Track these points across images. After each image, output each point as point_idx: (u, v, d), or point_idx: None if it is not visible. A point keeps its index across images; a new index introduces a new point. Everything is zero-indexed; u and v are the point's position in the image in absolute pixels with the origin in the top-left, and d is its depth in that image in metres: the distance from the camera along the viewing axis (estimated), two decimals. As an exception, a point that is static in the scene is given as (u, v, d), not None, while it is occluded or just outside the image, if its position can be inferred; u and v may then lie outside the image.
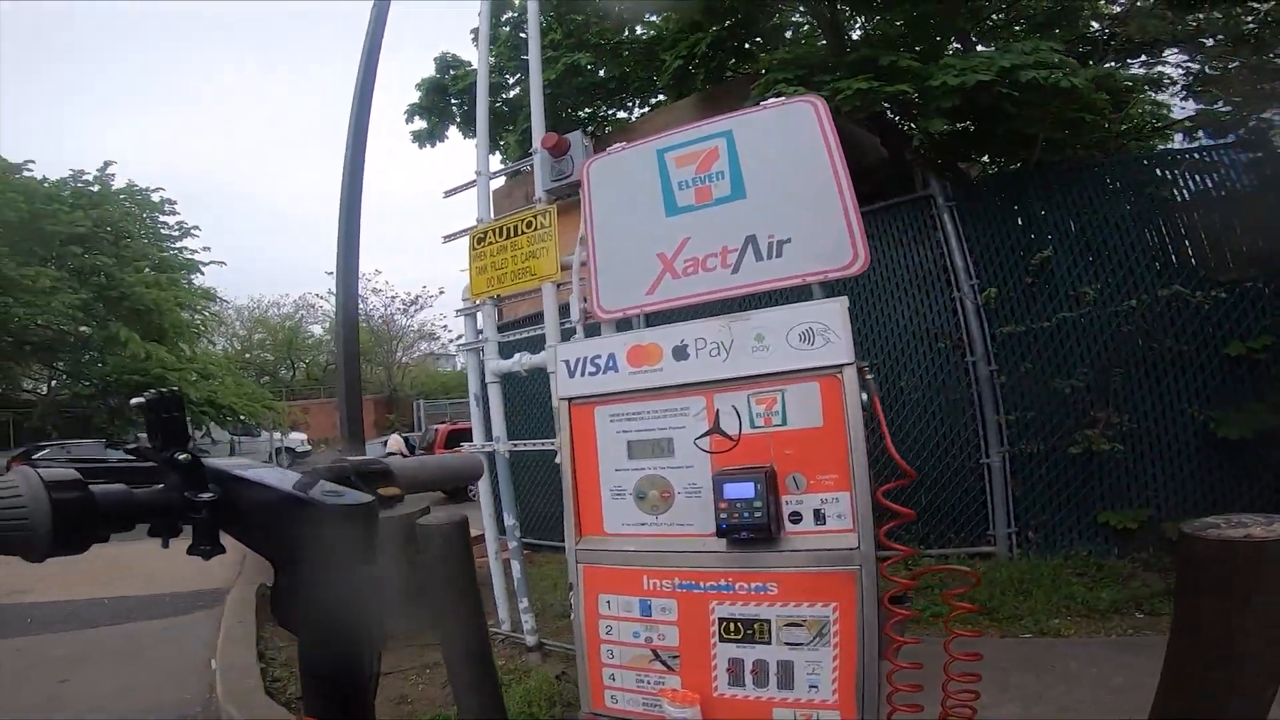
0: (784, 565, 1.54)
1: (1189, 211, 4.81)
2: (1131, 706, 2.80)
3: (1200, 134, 6.31)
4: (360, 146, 5.26)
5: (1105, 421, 4.52)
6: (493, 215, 4.10)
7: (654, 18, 7.96)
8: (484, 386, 3.80)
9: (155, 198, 17.38)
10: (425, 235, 70.24)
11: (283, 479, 0.61)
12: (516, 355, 3.60)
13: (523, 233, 3.73)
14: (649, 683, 1.70)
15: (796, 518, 1.55)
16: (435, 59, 8.82)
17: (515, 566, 3.59)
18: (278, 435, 19.98)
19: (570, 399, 1.81)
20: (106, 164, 16.66)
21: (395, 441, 16.69)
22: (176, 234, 18.04)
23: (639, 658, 1.70)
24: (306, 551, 0.57)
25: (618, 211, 2.18)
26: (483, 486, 3.79)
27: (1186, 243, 4.81)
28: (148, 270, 16.65)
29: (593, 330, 3.67)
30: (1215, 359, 4.50)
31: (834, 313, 1.55)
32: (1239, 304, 4.46)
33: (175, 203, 17.74)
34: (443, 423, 16.42)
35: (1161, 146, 7.89)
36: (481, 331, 3.86)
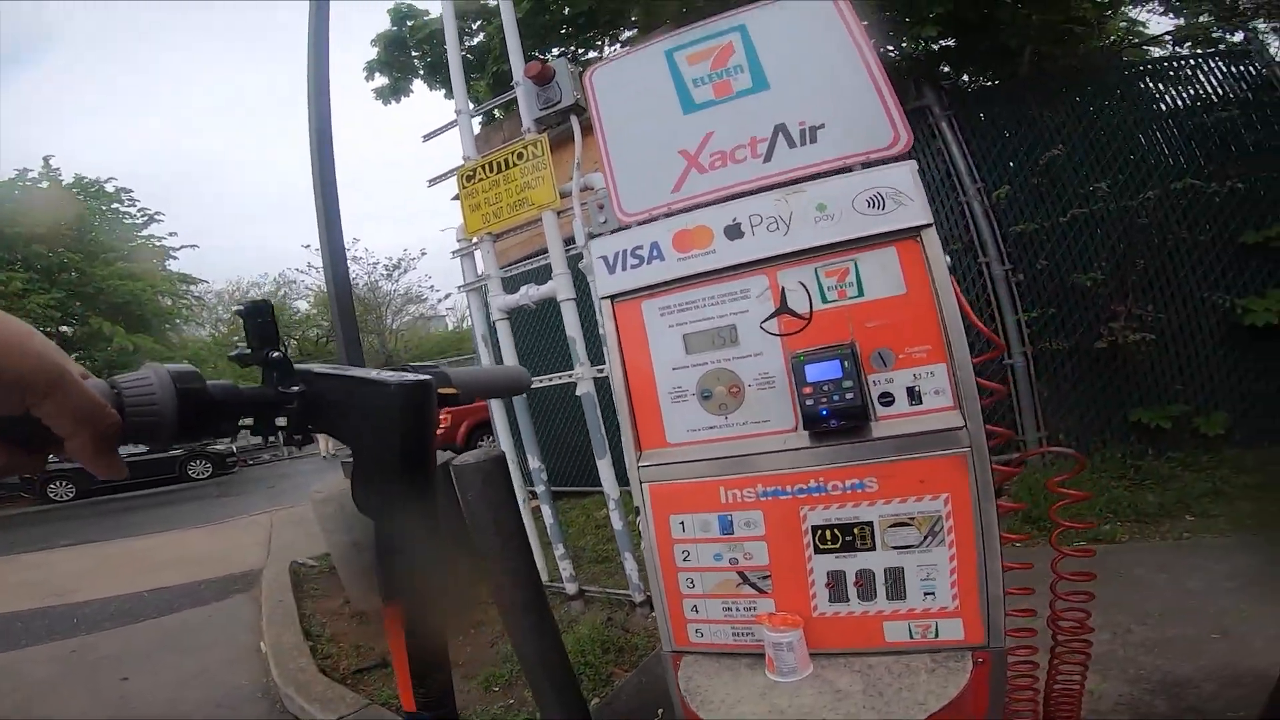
0: (881, 455, 1.36)
1: (1186, 115, 4.75)
2: (1214, 610, 2.75)
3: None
4: (324, 111, 4.93)
5: (1127, 314, 4.42)
6: (477, 154, 3.86)
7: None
8: (490, 326, 3.62)
9: (109, 188, 16.72)
10: (398, 199, 68.83)
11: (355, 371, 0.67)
12: (523, 288, 3.42)
13: (514, 165, 3.53)
14: (739, 610, 1.54)
15: (887, 399, 1.37)
16: (389, 10, 8.35)
17: (546, 512, 3.46)
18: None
19: (613, 296, 1.61)
20: (47, 159, 15.94)
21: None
22: (140, 222, 17.43)
23: (724, 584, 1.54)
24: (376, 429, 0.65)
25: (629, 116, 2.02)
26: (501, 431, 3.64)
27: (1192, 143, 4.71)
28: (119, 262, 16.12)
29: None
30: (1231, 249, 4.42)
31: (903, 175, 1.37)
32: (1251, 195, 4.37)
33: (131, 190, 17.20)
34: (444, 381, 16.19)
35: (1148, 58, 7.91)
36: (482, 270, 3.65)
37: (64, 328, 15.60)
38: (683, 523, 1.58)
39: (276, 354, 0.63)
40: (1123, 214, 4.56)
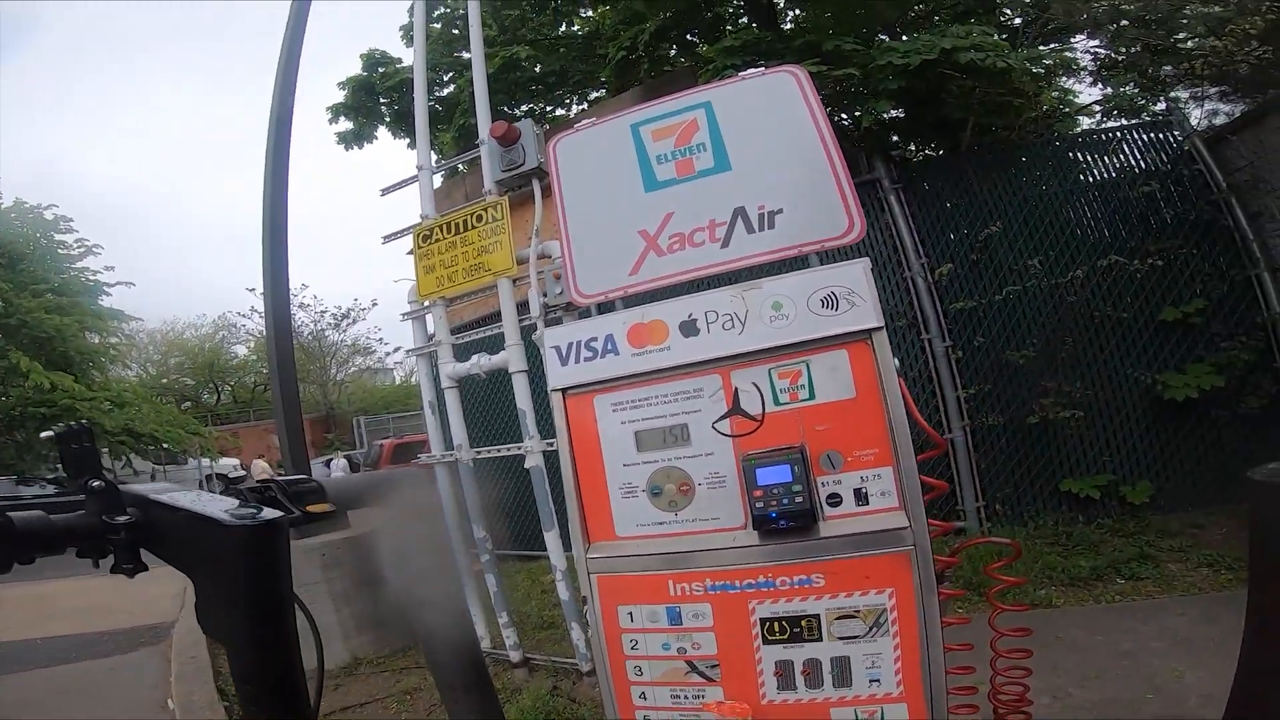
0: (829, 553, 1.39)
1: (1112, 188, 5.07)
2: (1147, 670, 2.85)
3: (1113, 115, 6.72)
4: (283, 150, 4.88)
5: (1056, 389, 4.65)
6: (436, 213, 3.83)
7: (590, 12, 7.81)
8: (438, 393, 3.54)
9: (49, 215, 15.85)
10: (353, 246, 67.59)
11: (198, 501, 0.63)
12: (474, 357, 3.36)
13: (473, 227, 3.51)
14: (687, 697, 1.52)
15: (835, 500, 1.40)
16: (362, 56, 8.41)
17: (490, 580, 3.35)
18: (206, 462, 18.82)
19: (565, 390, 1.60)
20: (-11, 180, 15.09)
21: (260, 467, 15.83)
22: (76, 253, 16.50)
23: (672, 671, 1.53)
24: (217, 566, 0.61)
25: (591, 190, 2.03)
26: (445, 498, 3.53)
27: (1117, 218, 5.03)
28: (48, 295, 15.18)
29: (555, 324, 3.48)
30: (1152, 325, 4.71)
31: (857, 275, 1.42)
32: (1169, 271, 4.68)
33: (71, 220, 16.19)
34: (386, 438, 15.69)
35: (1079, 129, 8.37)
36: (433, 335, 3.59)
37: (-20, 359, 14.56)
38: (631, 613, 1.56)
39: (98, 483, 0.60)
40: (1053, 291, 4.83)
